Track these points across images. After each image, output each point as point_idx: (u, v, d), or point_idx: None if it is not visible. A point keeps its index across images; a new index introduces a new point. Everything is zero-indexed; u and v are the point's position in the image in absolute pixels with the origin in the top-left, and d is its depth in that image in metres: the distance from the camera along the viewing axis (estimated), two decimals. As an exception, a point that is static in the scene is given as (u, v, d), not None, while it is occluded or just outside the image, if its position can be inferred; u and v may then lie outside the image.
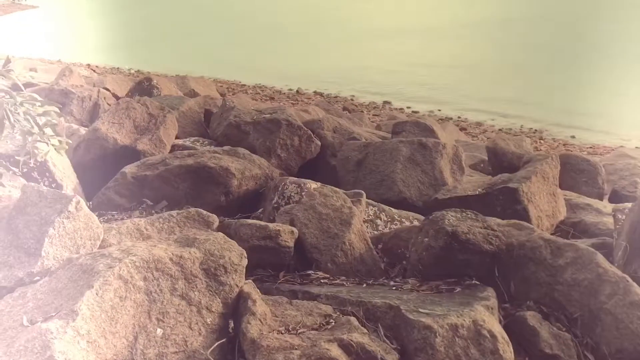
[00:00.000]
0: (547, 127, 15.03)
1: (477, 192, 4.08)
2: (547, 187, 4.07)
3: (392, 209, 3.83)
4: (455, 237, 2.51)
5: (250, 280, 2.32)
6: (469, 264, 2.50)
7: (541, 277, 2.48)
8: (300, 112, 6.27)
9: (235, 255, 2.24)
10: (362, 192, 3.48)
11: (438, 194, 4.19)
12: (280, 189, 3.78)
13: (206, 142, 5.24)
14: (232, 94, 18.78)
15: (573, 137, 14.41)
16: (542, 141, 14.15)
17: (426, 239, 2.60)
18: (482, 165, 6.56)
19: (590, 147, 13.40)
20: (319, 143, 5.24)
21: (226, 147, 4.65)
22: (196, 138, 5.29)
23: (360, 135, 5.40)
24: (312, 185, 3.71)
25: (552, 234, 4.15)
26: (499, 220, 3.02)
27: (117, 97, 7.26)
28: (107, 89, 7.43)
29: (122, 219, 4.14)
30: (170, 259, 2.13)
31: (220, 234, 2.35)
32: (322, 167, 5.28)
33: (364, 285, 2.55)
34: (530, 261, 2.53)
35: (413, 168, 4.49)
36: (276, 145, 5.08)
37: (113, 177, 4.37)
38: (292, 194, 3.70)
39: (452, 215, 2.66)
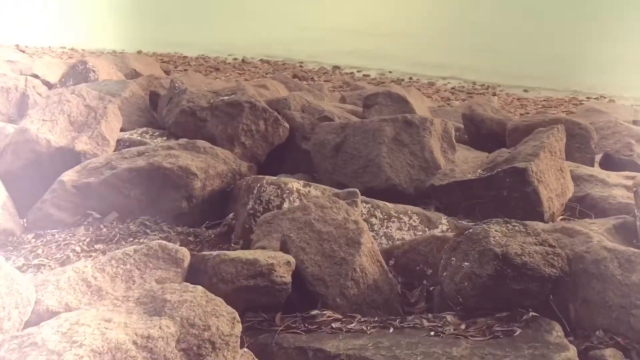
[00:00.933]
0: (500, 83, 14.69)
1: (479, 175, 3.50)
2: (555, 162, 3.53)
3: (387, 203, 3.21)
4: (507, 262, 1.91)
5: (246, 350, 1.67)
6: (525, 294, 1.93)
7: (610, 299, 1.94)
8: (259, 90, 5.52)
9: (225, 321, 1.57)
10: (357, 191, 2.84)
11: (434, 179, 3.59)
12: (255, 191, 3.10)
13: (157, 133, 4.46)
14: (176, 69, 17.65)
15: (526, 91, 14.11)
16: (495, 97, 13.79)
17: (466, 264, 1.99)
18: (457, 133, 5.99)
19: (545, 101, 13.12)
20: (287, 126, 4.54)
21: (182, 141, 3.91)
22: (145, 129, 4.50)
23: (332, 113, 4.72)
24: (295, 185, 3.04)
25: (562, 215, 3.64)
26: (542, 225, 2.45)
27: (49, 85, 6.31)
28: (37, 76, 6.46)
29: (65, 239, 3.38)
30: (134, 342, 1.45)
31: (200, 288, 1.67)
32: (294, 153, 4.59)
33: (390, 329, 1.94)
34: (593, 278, 1.97)
35: (400, 150, 3.87)
36: (239, 132, 4.36)
37: (50, 186, 3.59)
38: (271, 198, 3.02)
39: (496, 230, 2.05)
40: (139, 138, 4.31)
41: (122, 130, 4.57)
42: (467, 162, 3.84)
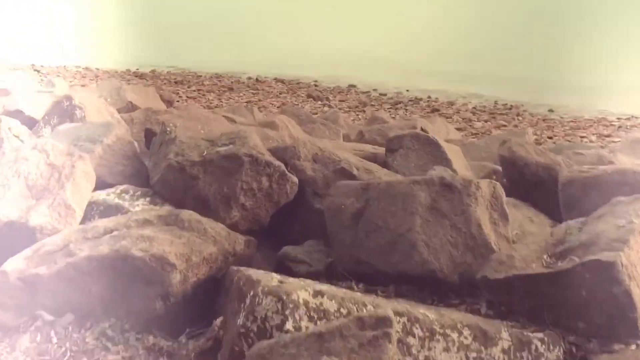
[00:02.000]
0: (523, 103, 13.69)
1: (546, 264, 2.58)
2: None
3: (428, 313, 2.30)
4: None
5: None
6: None
7: None
8: (266, 131, 4.65)
9: None
10: (390, 318, 1.93)
11: (486, 268, 2.67)
12: (248, 302, 2.21)
13: (139, 192, 3.59)
14: (189, 89, 16.92)
15: (551, 110, 13.11)
16: (519, 118, 12.81)
17: None
18: (494, 177, 5.07)
19: (573, 122, 12.10)
20: (296, 181, 3.66)
21: (164, 211, 3.04)
22: (125, 187, 3.63)
23: (350, 163, 3.83)
24: (302, 295, 2.15)
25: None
26: None
27: (33, 122, 5.50)
28: (21, 111, 5.66)
29: (7, 349, 2.53)
30: None
31: None
32: (304, 213, 3.71)
33: None
34: None
35: (438, 222, 2.96)
36: (238, 192, 3.48)
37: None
38: (269, 314, 2.13)
39: None
40: (115, 201, 3.45)
41: (100, 186, 3.73)
42: (524, 238, 2.92)
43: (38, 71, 21.96)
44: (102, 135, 4.21)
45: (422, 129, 5.60)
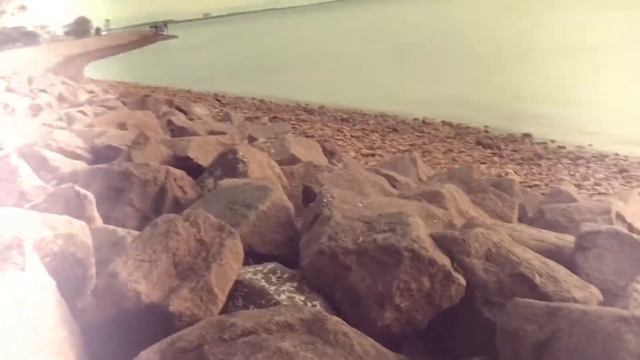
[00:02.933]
0: None
1: None
2: None
3: None
4: None
5: None
6: None
7: None
8: (429, 209, 4.14)
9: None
10: None
11: None
12: None
13: (286, 275, 3.29)
14: (352, 127, 16.92)
15: None
16: None
17: None
18: None
19: None
20: (463, 283, 3.10)
21: (308, 314, 2.66)
22: (272, 267, 3.35)
23: (531, 266, 3.17)
24: None
25: None
26: None
27: (197, 170, 5.59)
28: (189, 158, 5.79)
29: None
30: None
31: None
32: (470, 321, 3.13)
33: None
34: None
35: (654, 382, 2.23)
36: (393, 291, 3.02)
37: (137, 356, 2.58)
38: None
39: None
40: (262, 283, 3.17)
41: (249, 254, 3.53)
42: None
43: (219, 101, 23.72)
44: (257, 200, 4.03)
45: (617, 214, 4.70)
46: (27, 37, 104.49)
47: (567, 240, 4.09)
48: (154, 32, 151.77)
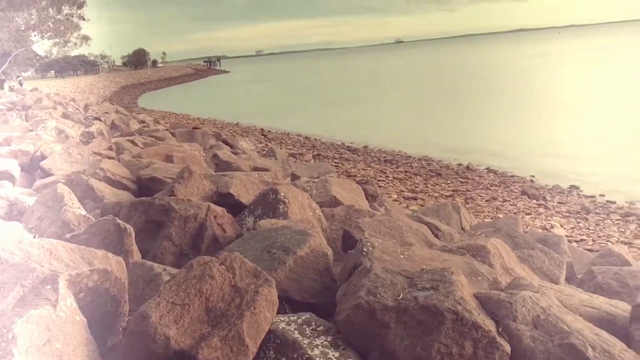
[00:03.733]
0: None
1: None
2: None
3: None
4: None
5: None
6: None
7: None
8: (470, 263, 3.94)
9: None
10: None
11: None
12: None
13: (321, 327, 3.14)
14: (396, 169, 16.75)
15: None
16: None
17: None
18: None
19: None
20: (509, 350, 2.88)
21: (342, 374, 2.50)
22: (307, 318, 3.20)
23: (583, 338, 2.93)
24: None
25: None
26: None
27: (238, 207, 5.54)
28: (231, 195, 5.75)
29: None
30: None
31: None
32: (512, 394, 2.90)
33: None
34: None
35: None
36: (433, 354, 2.82)
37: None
38: None
39: None
40: (295, 335, 3.02)
41: (285, 300, 3.41)
42: None
43: (265, 135, 23.98)
44: (296, 245, 3.92)
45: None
46: (87, 66, 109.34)
47: (621, 307, 3.81)
48: (207, 66, 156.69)
